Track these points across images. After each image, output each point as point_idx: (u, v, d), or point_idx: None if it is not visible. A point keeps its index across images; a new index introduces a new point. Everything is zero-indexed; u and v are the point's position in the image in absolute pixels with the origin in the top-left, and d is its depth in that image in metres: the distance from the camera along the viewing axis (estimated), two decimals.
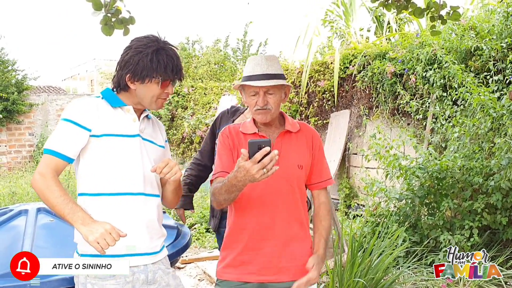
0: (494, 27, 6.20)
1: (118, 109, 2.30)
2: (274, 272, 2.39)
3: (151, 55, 2.21)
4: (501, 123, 5.21)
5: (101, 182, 2.24)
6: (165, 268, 2.39)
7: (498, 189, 4.90)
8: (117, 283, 2.20)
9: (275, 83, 2.37)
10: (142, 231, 2.29)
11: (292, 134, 2.49)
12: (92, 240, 1.99)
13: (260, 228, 2.39)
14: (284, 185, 2.40)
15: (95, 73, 27.47)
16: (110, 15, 3.19)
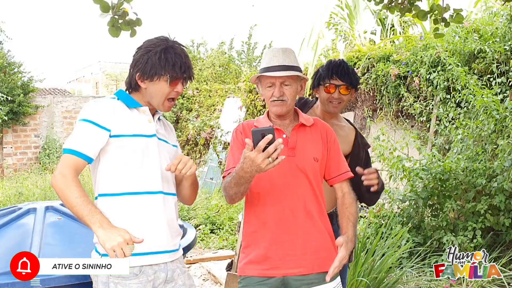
0: (498, 30, 6.24)
1: (134, 110, 2.34)
2: (298, 265, 2.38)
3: (160, 54, 2.25)
4: (504, 125, 5.23)
5: (121, 182, 2.26)
6: (182, 267, 2.43)
7: (501, 191, 4.92)
8: (140, 282, 2.22)
9: (291, 73, 2.40)
10: (163, 229, 2.32)
11: (307, 128, 2.51)
12: (109, 247, 2.01)
13: (282, 222, 2.39)
14: (301, 178, 2.42)
15: (100, 76, 27.58)
16: (117, 17, 3.24)
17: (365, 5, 10.12)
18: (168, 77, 2.27)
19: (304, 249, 2.39)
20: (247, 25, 21.51)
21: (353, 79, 2.94)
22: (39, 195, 8.23)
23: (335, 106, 2.96)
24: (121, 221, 2.21)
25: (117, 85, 21.64)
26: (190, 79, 2.35)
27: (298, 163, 2.40)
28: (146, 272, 2.26)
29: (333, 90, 2.92)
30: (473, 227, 5.01)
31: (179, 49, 2.31)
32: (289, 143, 2.44)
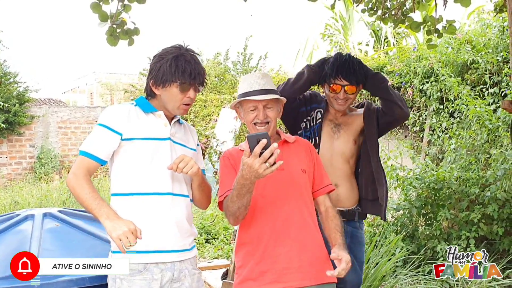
0: (490, 41, 6.33)
1: (150, 115, 2.44)
2: (295, 278, 2.36)
3: (171, 61, 2.35)
4: (497, 135, 5.29)
5: (131, 182, 2.36)
6: (191, 269, 2.46)
7: (494, 200, 4.97)
8: (144, 279, 2.30)
9: (274, 96, 2.50)
10: (170, 229, 2.38)
11: (290, 144, 2.58)
12: (115, 236, 2.12)
13: (275, 235, 2.39)
14: (293, 190, 2.46)
15: (95, 86, 27.59)
16: (116, 26, 3.28)
17: (359, 17, 10.24)
18: (179, 83, 2.36)
19: (300, 261, 2.38)
20: (242, 36, 21.64)
21: (359, 76, 2.90)
22: (35, 204, 8.24)
23: (341, 104, 2.94)
24: (130, 219, 2.26)
25: (112, 95, 21.67)
26: (202, 85, 2.44)
27: (288, 175, 2.45)
28: (151, 270, 2.32)
29: (338, 90, 2.90)
30: (466, 236, 5.05)
31: (189, 56, 2.38)
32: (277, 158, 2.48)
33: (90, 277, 2.52)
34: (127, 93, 16.45)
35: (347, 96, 2.90)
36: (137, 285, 2.29)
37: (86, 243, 2.88)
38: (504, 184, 4.86)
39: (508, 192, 4.87)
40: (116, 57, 67.64)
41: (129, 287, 2.30)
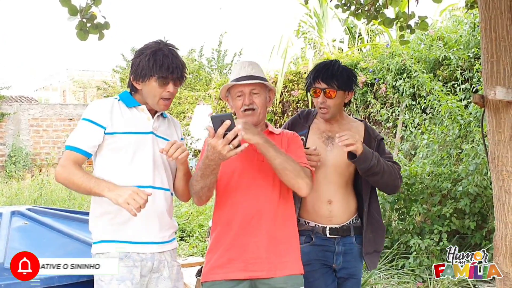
0: (462, 38, 6.40)
1: (133, 109, 2.45)
2: (263, 268, 2.38)
3: (149, 55, 2.37)
4: (468, 130, 5.36)
5: (114, 176, 2.36)
6: (170, 260, 2.48)
7: (466, 194, 5.03)
8: (125, 266, 2.32)
9: (258, 81, 2.48)
10: (151, 221, 2.39)
11: (275, 135, 2.57)
12: (122, 201, 2.16)
13: (246, 224, 2.40)
14: (271, 181, 2.45)
15: (68, 83, 27.21)
16: (85, 20, 3.21)
17: (333, 14, 10.27)
18: (157, 78, 2.37)
19: (268, 252, 2.39)
20: (217, 33, 21.58)
21: (340, 81, 2.71)
22: (5, 202, 8.08)
23: (323, 111, 2.75)
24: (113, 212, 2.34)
25: (85, 93, 21.41)
26: (181, 79, 2.44)
27: (267, 166, 2.40)
28: (133, 257, 2.34)
29: (317, 95, 2.74)
30: (439, 230, 5.11)
31: (167, 51, 2.40)
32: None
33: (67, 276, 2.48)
34: (100, 90, 16.26)
35: (328, 102, 2.71)
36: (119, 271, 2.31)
37: (56, 241, 2.84)
38: (476, 178, 4.92)
39: (480, 187, 4.94)
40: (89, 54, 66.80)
41: (111, 275, 2.31)
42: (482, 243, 5.05)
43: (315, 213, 2.75)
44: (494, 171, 2.70)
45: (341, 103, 2.77)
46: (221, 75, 15.14)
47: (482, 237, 5.08)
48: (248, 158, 2.44)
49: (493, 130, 2.68)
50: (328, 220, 2.74)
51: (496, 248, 2.73)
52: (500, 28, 2.61)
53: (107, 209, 2.34)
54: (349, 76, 2.77)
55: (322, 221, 2.75)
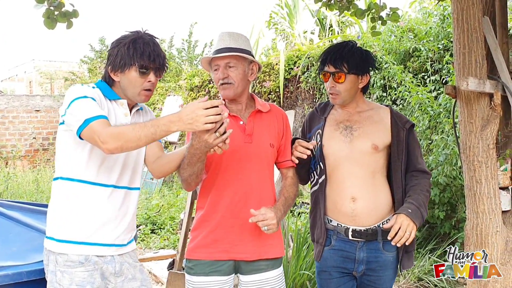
0: (432, 29, 6.46)
1: (113, 102, 2.31)
2: (245, 250, 2.41)
3: (128, 44, 2.24)
4: (438, 121, 5.42)
5: (79, 168, 2.22)
6: (132, 262, 2.39)
7: (436, 185, 5.09)
8: (86, 270, 2.20)
9: (232, 54, 2.39)
10: (109, 223, 2.27)
11: (263, 114, 2.52)
12: (202, 122, 1.97)
13: (232, 207, 2.41)
14: (257, 163, 2.44)
15: (34, 74, 26.65)
16: (53, 8, 3.13)
17: (304, 5, 10.26)
18: (137, 66, 2.25)
19: (253, 235, 2.41)
20: (187, 23, 21.33)
21: (351, 63, 2.49)
22: None
23: (333, 97, 2.56)
24: (72, 207, 2.21)
25: (52, 84, 21.00)
26: (162, 69, 2.32)
27: (255, 149, 2.43)
28: (93, 260, 2.23)
29: (326, 79, 2.55)
30: None
31: (147, 38, 2.28)
32: (246, 129, 2.46)
33: (27, 272, 2.41)
34: (67, 81, 15.95)
35: (337, 86, 2.50)
36: (79, 276, 2.19)
37: (24, 235, 2.76)
38: (446, 169, 4.98)
39: (449, 177, 5.00)
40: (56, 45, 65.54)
41: (71, 279, 2.19)
42: (451, 232, 5.13)
43: (338, 211, 2.53)
44: (465, 161, 2.73)
45: (353, 88, 2.53)
46: (192, 66, 15.00)
47: (451, 227, 5.16)
48: (235, 141, 2.39)
49: (464, 121, 2.71)
50: (352, 220, 2.50)
51: (467, 237, 2.77)
52: (472, 19, 2.62)
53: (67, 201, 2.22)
54: (363, 58, 2.53)
55: (345, 221, 2.51)
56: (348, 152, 2.52)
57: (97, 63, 15.48)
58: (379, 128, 2.55)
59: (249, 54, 2.46)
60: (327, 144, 2.56)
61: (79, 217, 2.21)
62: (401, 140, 2.53)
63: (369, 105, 2.66)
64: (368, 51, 2.62)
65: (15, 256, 2.50)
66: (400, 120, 2.58)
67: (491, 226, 2.65)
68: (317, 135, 2.61)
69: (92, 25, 60.23)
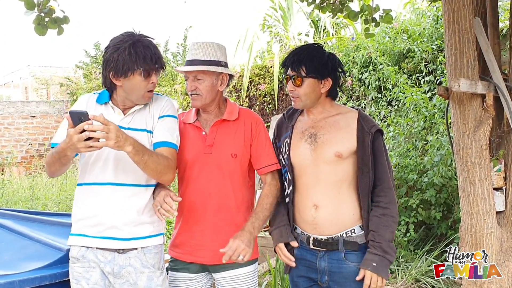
0: (425, 30, 6.47)
1: (107, 105, 2.40)
2: (206, 254, 2.50)
3: (129, 49, 2.25)
4: (433, 122, 5.42)
5: (82, 173, 2.38)
6: (140, 266, 2.35)
7: (432, 185, 5.09)
8: (82, 266, 2.32)
9: (199, 68, 2.44)
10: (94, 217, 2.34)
11: (229, 123, 2.55)
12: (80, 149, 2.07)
13: (192, 214, 2.52)
14: (216, 174, 2.50)
15: (30, 80, 26.59)
16: (44, 14, 3.12)
17: (299, 8, 10.26)
18: (142, 71, 2.28)
19: (213, 241, 2.48)
20: (182, 27, 21.32)
21: (310, 67, 2.41)
22: None
23: (294, 101, 2.49)
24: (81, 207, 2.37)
25: (48, 90, 20.95)
26: (162, 69, 2.36)
27: (214, 159, 2.48)
28: (88, 258, 2.32)
29: (286, 83, 2.50)
30: (406, 221, 5.15)
31: (146, 41, 2.31)
32: (207, 140, 2.52)
33: (19, 281, 2.38)
34: (63, 86, 15.90)
35: (296, 89, 2.43)
36: (76, 271, 2.33)
37: (17, 244, 2.74)
38: (441, 169, 4.97)
39: (445, 177, 5.00)
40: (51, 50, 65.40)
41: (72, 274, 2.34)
42: (448, 233, 5.12)
43: (301, 219, 2.48)
44: (459, 163, 2.72)
45: (313, 92, 2.44)
46: None
47: (448, 227, 5.15)
48: (196, 151, 2.51)
49: (457, 122, 2.71)
50: (313, 228, 2.43)
51: (462, 238, 2.76)
52: (463, 20, 2.62)
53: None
54: (323, 62, 2.44)
55: (307, 229, 2.46)
56: (312, 161, 2.45)
57: (92, 68, 15.44)
58: (344, 135, 2.44)
59: (218, 64, 2.49)
60: (293, 153, 2.51)
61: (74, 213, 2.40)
62: (366, 145, 2.39)
63: (337, 109, 2.54)
64: (332, 54, 2.52)
65: (7, 265, 2.47)
66: (366, 124, 2.44)
67: (485, 227, 2.65)
68: (285, 144, 2.56)
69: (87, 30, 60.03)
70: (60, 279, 2.48)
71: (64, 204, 7.89)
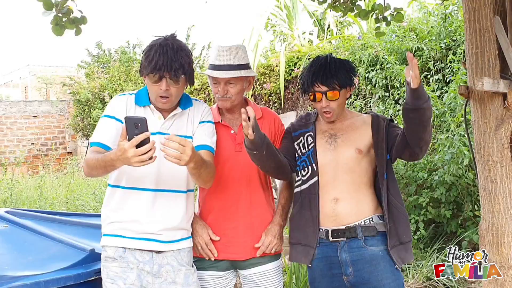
0: (433, 29, 6.47)
1: (147, 108, 2.41)
2: (239, 250, 2.58)
3: (148, 52, 2.30)
4: (442, 120, 5.42)
5: (119, 175, 2.38)
6: (177, 265, 2.43)
7: (442, 184, 5.09)
8: (120, 266, 2.33)
9: (234, 75, 2.50)
10: (151, 224, 2.37)
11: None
12: (134, 164, 2.03)
13: (224, 212, 2.59)
14: (247, 171, 2.59)
15: (29, 79, 26.56)
16: (61, 15, 3.11)
17: (303, 7, 10.27)
18: (152, 75, 2.29)
19: (246, 236, 2.58)
20: (184, 26, 21.27)
21: (341, 78, 2.48)
22: None
23: (327, 115, 2.54)
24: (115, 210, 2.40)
25: (47, 89, 20.95)
26: (176, 76, 2.28)
27: (245, 157, 2.49)
28: (127, 258, 2.34)
29: (319, 99, 2.50)
30: (415, 220, 5.16)
31: (166, 46, 2.28)
32: (237, 138, 2.60)
33: (45, 281, 2.39)
34: (65, 86, 15.89)
35: (331, 104, 2.49)
36: (112, 271, 2.34)
37: (39, 244, 2.75)
38: (452, 167, 4.98)
39: (455, 176, 5.00)
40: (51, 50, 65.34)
41: (107, 273, 2.35)
42: (457, 231, 5.13)
43: (321, 214, 2.53)
44: (480, 161, 2.73)
45: (344, 101, 2.58)
46: None
47: (458, 226, 5.16)
48: (226, 150, 2.59)
49: (478, 121, 2.71)
50: (332, 220, 2.51)
51: (482, 237, 2.77)
52: (484, 19, 2.62)
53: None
54: (348, 69, 2.53)
55: (326, 224, 2.52)
56: (332, 159, 2.56)
57: (94, 67, 15.44)
58: (361, 132, 2.59)
59: (247, 68, 2.58)
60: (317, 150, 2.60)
61: (107, 215, 2.42)
62: (380, 129, 2.56)
63: (351, 114, 2.70)
64: (348, 61, 2.62)
65: (31, 265, 2.49)
66: (381, 116, 2.65)
67: (507, 225, 2.65)
68: (308, 136, 2.62)
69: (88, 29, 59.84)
70: (85, 279, 2.50)
71: (72, 204, 7.90)
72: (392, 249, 2.48)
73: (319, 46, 8.78)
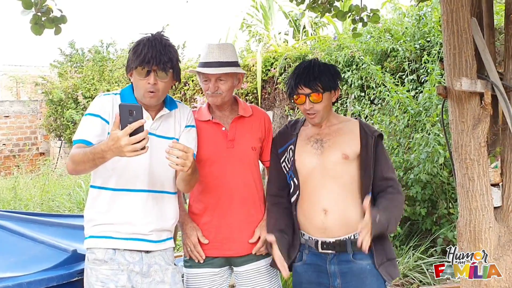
0: (408, 30, 6.57)
1: None
2: (234, 247, 2.62)
3: (136, 47, 2.30)
4: (417, 120, 5.52)
5: (106, 176, 2.34)
6: (164, 264, 2.43)
7: (417, 182, 5.18)
8: (110, 269, 2.29)
9: (224, 71, 2.54)
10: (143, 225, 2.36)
11: (246, 119, 2.69)
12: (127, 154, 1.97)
13: (219, 209, 2.62)
14: (239, 167, 2.62)
15: (0, 79, 26.08)
16: (41, 14, 3.08)
17: (278, 7, 10.32)
18: (140, 69, 2.29)
19: (241, 232, 2.62)
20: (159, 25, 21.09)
21: (325, 82, 2.50)
22: None
23: (312, 117, 2.56)
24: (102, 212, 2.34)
25: (18, 89, 20.58)
26: (164, 70, 2.29)
27: (236, 154, 2.60)
28: (117, 260, 2.32)
29: (302, 101, 2.53)
30: None
31: (154, 41, 2.29)
32: (228, 135, 2.64)
33: (28, 282, 2.37)
34: (37, 85, 15.64)
35: (315, 106, 2.51)
36: (103, 274, 2.30)
37: (19, 245, 2.72)
38: (427, 166, 5.07)
39: (430, 174, 5.09)
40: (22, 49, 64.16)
41: (96, 276, 2.30)
42: (432, 228, 5.22)
43: (309, 224, 2.54)
44: (457, 160, 2.79)
45: (329, 105, 2.58)
46: None
47: (433, 223, 5.25)
48: (218, 147, 2.62)
49: (456, 120, 2.77)
50: (322, 232, 2.50)
51: (460, 233, 2.83)
52: (461, 21, 2.68)
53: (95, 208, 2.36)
54: (332, 73, 2.56)
55: (315, 234, 2.52)
56: (319, 164, 2.56)
57: (67, 67, 15.23)
58: (348, 138, 2.58)
59: (236, 65, 2.63)
60: (299, 158, 2.61)
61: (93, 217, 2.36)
62: (369, 147, 2.54)
63: (338, 119, 2.70)
64: (334, 65, 2.67)
65: (13, 266, 2.46)
66: (368, 129, 2.61)
67: (484, 222, 2.71)
68: (290, 150, 2.64)
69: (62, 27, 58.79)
70: (67, 280, 2.50)
71: (47, 205, 7.80)
72: (380, 266, 2.48)
73: (295, 47, 8.83)
